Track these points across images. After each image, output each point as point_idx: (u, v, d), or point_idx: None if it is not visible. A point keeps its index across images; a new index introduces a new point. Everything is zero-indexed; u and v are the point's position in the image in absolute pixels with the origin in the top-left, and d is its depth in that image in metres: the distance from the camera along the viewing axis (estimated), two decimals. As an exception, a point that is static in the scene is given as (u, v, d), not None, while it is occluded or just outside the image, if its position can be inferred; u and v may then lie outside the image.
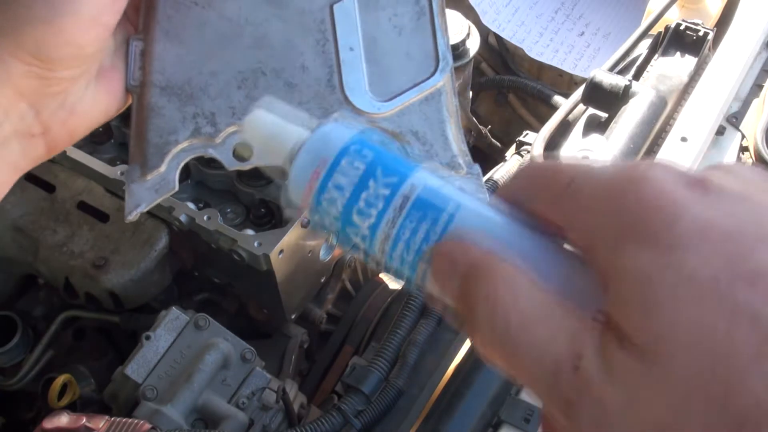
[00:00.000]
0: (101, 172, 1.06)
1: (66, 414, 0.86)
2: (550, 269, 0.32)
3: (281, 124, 0.41)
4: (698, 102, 1.24)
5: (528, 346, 0.29)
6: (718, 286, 0.25)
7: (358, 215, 0.35)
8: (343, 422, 0.93)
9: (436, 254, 0.34)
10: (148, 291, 1.09)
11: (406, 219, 0.35)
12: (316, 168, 0.36)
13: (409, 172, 0.36)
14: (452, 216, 0.34)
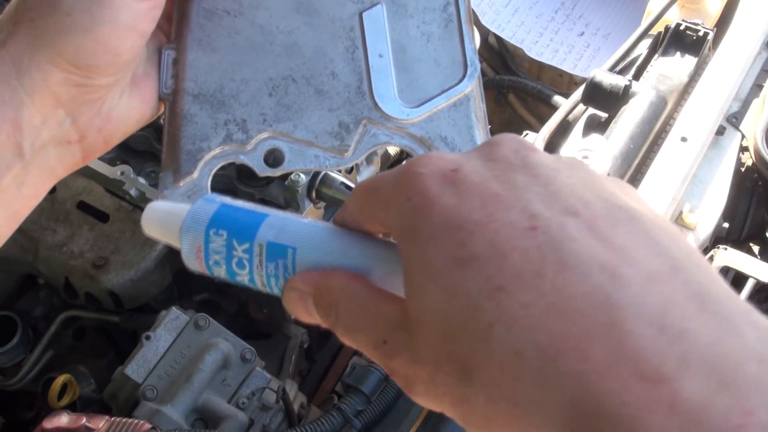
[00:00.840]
0: (101, 172, 1.06)
1: (66, 414, 0.86)
2: (372, 268, 0.40)
3: (167, 215, 0.49)
4: (698, 102, 1.24)
5: (360, 333, 0.37)
6: (445, 271, 0.32)
7: (238, 269, 0.44)
8: (343, 422, 0.94)
9: (285, 289, 0.42)
10: (148, 291, 1.09)
11: (267, 264, 0.43)
12: (198, 244, 0.45)
13: (257, 228, 0.44)
14: (294, 249, 0.42)
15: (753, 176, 1.29)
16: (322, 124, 0.62)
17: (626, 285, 0.29)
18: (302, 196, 1.00)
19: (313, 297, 0.40)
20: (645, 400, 0.27)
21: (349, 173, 1.07)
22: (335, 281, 0.40)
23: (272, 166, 0.61)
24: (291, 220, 0.44)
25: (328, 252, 0.42)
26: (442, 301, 0.32)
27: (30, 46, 0.51)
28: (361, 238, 0.42)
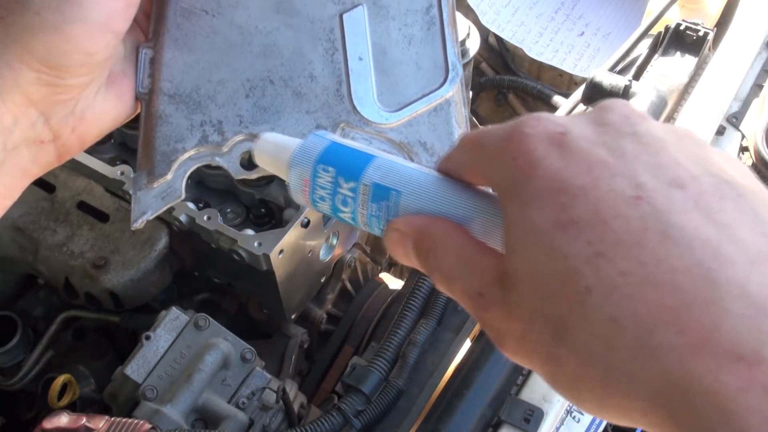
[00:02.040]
0: (101, 172, 1.06)
1: (66, 414, 0.86)
2: (472, 219, 0.42)
3: (277, 147, 0.50)
4: (698, 102, 1.24)
5: (456, 281, 0.39)
6: (546, 233, 0.33)
7: (342, 206, 0.46)
8: (343, 422, 0.93)
9: (387, 230, 0.43)
10: (148, 291, 1.09)
11: (370, 204, 0.45)
12: (304, 178, 0.47)
13: (363, 168, 0.45)
14: (399, 192, 0.44)
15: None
16: (300, 126, 0.61)
17: (729, 263, 0.29)
18: (302, 196, 0.99)
19: (414, 240, 0.41)
20: (741, 381, 0.27)
21: (349, 173, 1.07)
22: (436, 227, 0.41)
23: (248, 169, 0.61)
24: (397, 163, 0.45)
25: (431, 198, 0.43)
26: (540, 261, 0.33)
27: (0, 45, 0.50)
28: (463, 188, 0.43)
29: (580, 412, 0.99)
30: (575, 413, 0.98)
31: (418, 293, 1.06)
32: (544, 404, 0.95)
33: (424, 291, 1.06)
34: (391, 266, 1.50)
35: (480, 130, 0.41)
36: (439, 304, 1.05)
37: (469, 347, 1.04)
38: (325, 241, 1.13)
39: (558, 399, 0.96)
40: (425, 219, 0.42)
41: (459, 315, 1.06)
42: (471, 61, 1.38)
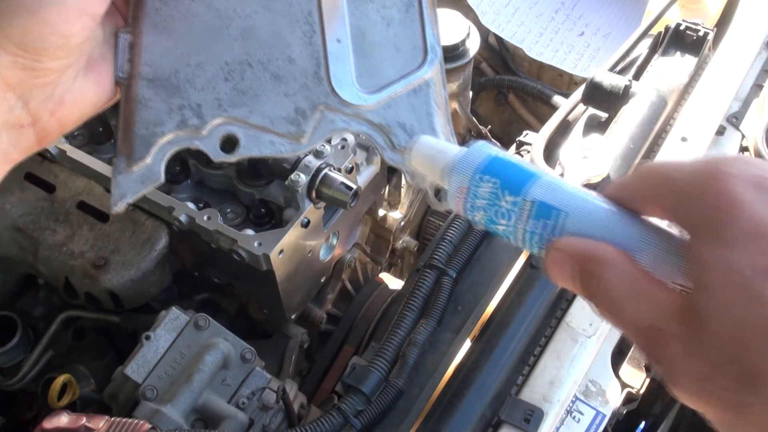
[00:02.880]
0: (101, 172, 1.06)
1: (66, 414, 0.86)
2: (642, 250, 0.41)
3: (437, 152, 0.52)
4: (698, 102, 1.24)
5: (625, 311, 0.38)
6: (748, 277, 0.33)
7: (500, 218, 0.46)
8: (343, 422, 0.93)
9: (549, 249, 0.43)
10: (148, 291, 1.09)
11: (532, 221, 0.45)
12: (461, 186, 0.48)
13: (528, 184, 0.45)
14: (565, 213, 0.44)
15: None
16: (278, 109, 0.61)
17: None
18: (302, 195, 1.00)
19: (578, 263, 0.41)
20: None
21: (349, 173, 1.07)
22: (605, 252, 0.41)
23: (227, 152, 0.61)
24: (563, 184, 0.45)
25: (599, 224, 0.43)
26: (738, 304, 0.33)
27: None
28: (634, 218, 0.43)
29: (581, 412, 0.99)
30: (575, 413, 0.98)
31: (418, 293, 1.06)
32: (544, 404, 0.95)
33: (424, 291, 1.06)
34: (391, 266, 1.50)
35: (664, 164, 0.41)
36: (439, 304, 1.05)
37: (469, 347, 1.04)
38: (325, 241, 1.13)
39: (558, 399, 0.96)
40: (591, 243, 0.41)
41: (459, 315, 1.06)
42: (471, 61, 1.38)
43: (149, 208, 1.06)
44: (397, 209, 1.40)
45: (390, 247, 1.41)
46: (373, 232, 1.40)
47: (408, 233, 1.44)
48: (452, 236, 1.11)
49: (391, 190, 1.41)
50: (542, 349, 1.01)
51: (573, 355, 0.99)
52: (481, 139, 1.55)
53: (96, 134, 1.16)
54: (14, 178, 1.14)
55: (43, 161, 1.14)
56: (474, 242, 1.11)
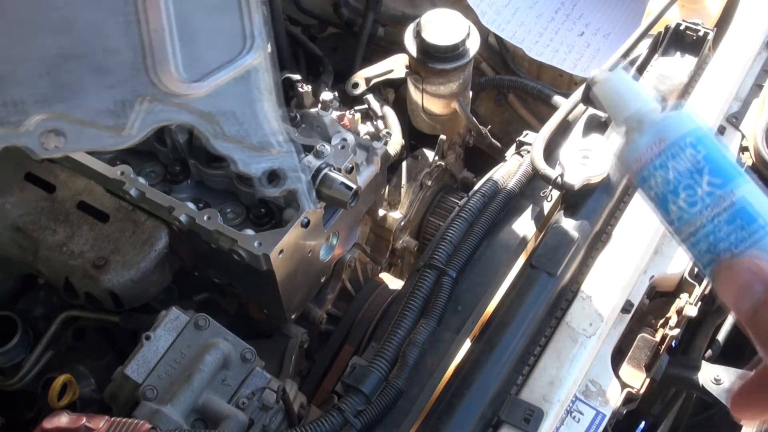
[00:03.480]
0: (101, 172, 1.06)
1: (66, 414, 0.86)
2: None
3: (636, 87, 0.46)
4: (698, 102, 1.23)
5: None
6: None
7: (683, 197, 0.40)
8: (343, 422, 0.93)
9: (740, 260, 0.38)
10: (148, 291, 1.09)
11: (722, 221, 0.39)
12: (660, 140, 0.41)
13: (740, 177, 0.40)
14: (766, 233, 0.38)
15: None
16: (101, 102, 0.59)
17: None
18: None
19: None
20: None
21: (349, 173, 1.07)
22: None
23: (51, 149, 0.59)
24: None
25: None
26: None
27: None
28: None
29: (580, 412, 0.99)
30: (575, 413, 0.99)
31: (418, 293, 1.06)
32: (544, 404, 0.95)
33: (424, 291, 1.06)
34: (391, 266, 1.50)
35: None
36: (439, 304, 1.05)
37: (469, 347, 1.04)
38: (325, 241, 1.13)
39: (558, 399, 0.96)
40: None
41: (459, 315, 1.06)
42: (471, 61, 1.38)
43: (149, 208, 1.06)
44: (397, 209, 1.40)
45: (390, 247, 1.41)
46: (373, 232, 1.40)
47: (408, 233, 1.44)
48: (452, 236, 1.11)
49: (391, 190, 1.41)
50: (542, 349, 1.01)
51: (573, 355, 0.99)
52: (480, 139, 1.55)
53: (96, 134, 1.16)
54: (14, 178, 1.14)
55: (43, 161, 1.14)
56: (474, 242, 1.11)
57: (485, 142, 1.58)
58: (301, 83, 1.39)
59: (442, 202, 1.48)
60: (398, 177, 1.42)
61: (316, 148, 1.02)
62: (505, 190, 1.18)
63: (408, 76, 1.43)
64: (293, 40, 1.67)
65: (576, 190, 1.09)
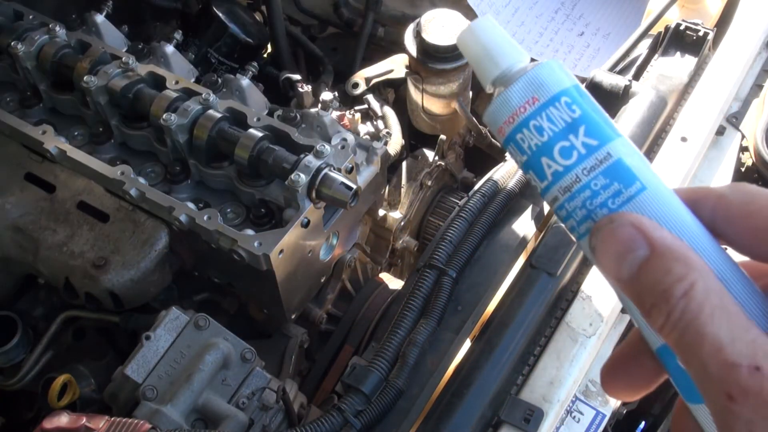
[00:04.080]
0: (101, 172, 1.06)
1: (66, 414, 0.86)
2: (733, 282, 0.35)
3: (507, 41, 0.43)
4: (698, 102, 1.23)
5: (711, 339, 0.32)
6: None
7: (559, 154, 0.38)
8: (343, 422, 0.93)
9: (618, 220, 0.36)
10: (148, 291, 1.09)
11: (599, 176, 0.37)
12: (533, 96, 0.39)
13: (616, 135, 0.38)
14: (643, 189, 0.36)
15: (753, 176, 1.29)
16: None
17: None
18: (302, 195, 1.00)
19: (657, 252, 0.34)
20: None
21: (349, 173, 1.07)
22: (698, 259, 0.34)
23: None
24: (643, 157, 0.39)
25: (680, 221, 0.36)
26: None
27: None
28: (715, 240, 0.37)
29: (580, 412, 0.99)
30: (575, 413, 0.98)
31: (418, 293, 1.06)
32: (544, 404, 0.95)
33: (424, 291, 1.06)
34: (391, 266, 1.50)
35: None
36: (439, 304, 1.05)
37: (469, 347, 1.04)
38: (325, 241, 1.13)
39: (558, 399, 0.96)
40: (682, 242, 0.35)
41: (459, 315, 1.06)
42: (471, 61, 1.38)
43: (149, 208, 1.06)
44: (397, 209, 1.40)
45: (390, 247, 1.41)
46: (373, 232, 1.40)
47: (408, 233, 1.44)
48: (452, 236, 1.11)
49: (391, 190, 1.41)
50: (542, 349, 1.01)
51: (573, 355, 0.99)
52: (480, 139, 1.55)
53: (96, 134, 1.16)
54: (14, 178, 1.14)
55: (43, 161, 1.14)
56: (474, 242, 1.11)
57: (485, 142, 1.57)
58: (301, 83, 1.39)
59: (442, 202, 1.48)
60: (398, 177, 1.42)
61: (316, 148, 1.02)
62: (505, 190, 1.18)
63: (408, 76, 1.43)
64: (293, 40, 1.67)
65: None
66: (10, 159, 1.16)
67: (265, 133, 1.04)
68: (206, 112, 1.07)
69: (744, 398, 0.30)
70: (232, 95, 1.22)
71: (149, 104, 1.09)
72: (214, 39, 1.49)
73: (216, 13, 1.49)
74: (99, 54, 1.16)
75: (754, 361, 0.31)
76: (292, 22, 1.77)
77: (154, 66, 1.17)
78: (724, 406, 0.31)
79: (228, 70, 1.48)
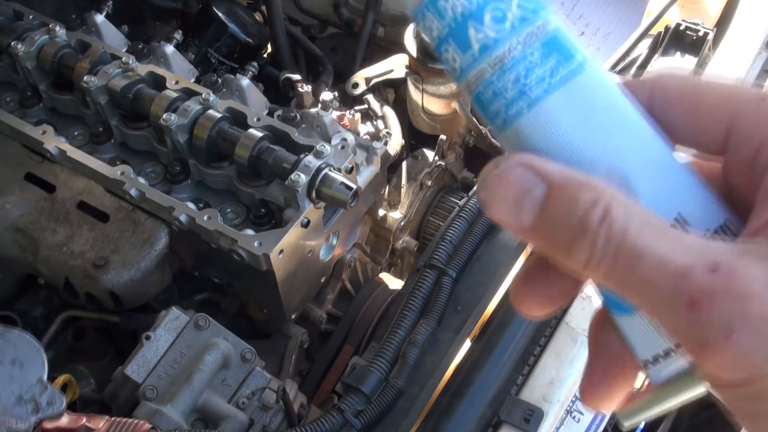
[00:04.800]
0: (101, 172, 1.06)
1: (66, 414, 0.86)
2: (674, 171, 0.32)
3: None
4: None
5: (650, 254, 0.28)
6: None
7: (491, 18, 0.32)
8: (343, 422, 0.93)
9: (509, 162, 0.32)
10: (148, 291, 1.09)
11: (535, 49, 0.32)
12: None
13: (552, 9, 0.33)
14: (584, 63, 0.32)
15: None
16: None
17: None
18: (302, 195, 1.00)
19: (556, 187, 0.31)
20: None
21: (349, 173, 1.07)
22: (600, 181, 0.30)
23: None
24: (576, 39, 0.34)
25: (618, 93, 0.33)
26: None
27: None
28: (664, 142, 0.34)
29: (581, 412, 0.99)
30: (575, 413, 0.98)
31: (418, 293, 1.06)
32: (544, 404, 0.95)
33: (424, 291, 1.06)
34: (391, 266, 1.50)
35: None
36: (439, 304, 1.05)
37: (469, 347, 1.04)
38: (325, 241, 1.13)
39: (558, 399, 0.96)
40: (579, 174, 0.31)
41: (459, 315, 1.06)
42: (471, 61, 1.38)
43: (149, 208, 1.06)
44: (397, 209, 1.40)
45: (390, 247, 1.41)
46: (373, 232, 1.40)
47: (408, 233, 1.44)
48: (452, 236, 1.11)
49: (391, 190, 1.41)
50: (542, 349, 1.01)
51: (573, 355, 0.99)
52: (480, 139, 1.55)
53: (96, 134, 1.16)
54: (14, 178, 1.14)
55: (43, 161, 1.14)
56: (474, 242, 1.11)
57: (485, 142, 1.57)
58: (301, 83, 1.39)
59: (442, 202, 1.48)
60: (398, 177, 1.42)
61: (316, 148, 1.02)
62: (505, 190, 1.17)
63: (408, 76, 1.43)
64: (293, 40, 1.67)
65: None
66: (10, 159, 1.16)
67: (265, 133, 1.04)
68: (206, 112, 1.07)
69: (710, 300, 0.27)
70: (232, 95, 1.22)
71: (149, 104, 1.09)
72: (214, 39, 1.49)
73: (216, 13, 1.49)
74: (99, 54, 1.16)
75: (707, 259, 0.28)
76: (292, 22, 1.77)
77: (154, 66, 1.17)
78: (688, 317, 0.27)
79: (228, 70, 1.48)
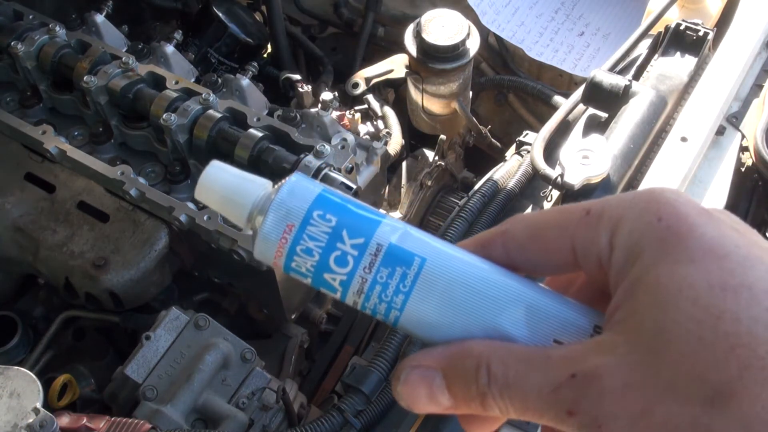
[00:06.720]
0: (101, 172, 1.06)
1: (66, 414, 0.86)
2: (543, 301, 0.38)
3: (239, 180, 0.41)
4: (698, 102, 1.23)
5: (525, 383, 0.35)
6: (709, 295, 0.32)
7: (336, 265, 0.39)
8: (343, 422, 0.93)
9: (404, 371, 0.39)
10: (148, 291, 1.09)
11: (380, 268, 0.38)
12: (287, 224, 0.39)
13: (377, 225, 0.39)
14: (423, 260, 0.38)
15: (753, 176, 1.29)
16: None
17: None
18: (302, 196, 0.99)
19: (447, 369, 0.38)
20: None
21: (349, 173, 1.07)
22: (476, 343, 0.38)
23: None
24: (412, 227, 0.39)
25: (466, 263, 0.38)
26: (701, 321, 0.32)
27: None
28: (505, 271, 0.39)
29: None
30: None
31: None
32: (544, 404, 0.95)
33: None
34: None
35: (557, 208, 0.39)
36: (439, 304, 1.05)
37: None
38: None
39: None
40: (453, 343, 0.38)
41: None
42: (471, 61, 1.38)
43: (149, 208, 1.06)
44: (397, 209, 1.40)
45: (390, 247, 1.41)
46: (373, 232, 1.39)
47: (408, 233, 1.43)
48: (452, 236, 1.11)
49: (391, 190, 1.41)
50: (542, 349, 1.01)
51: (573, 355, 0.99)
52: (480, 139, 1.55)
53: (96, 134, 1.16)
54: (14, 178, 1.14)
55: (43, 161, 1.14)
56: (474, 242, 1.11)
57: (485, 142, 1.57)
58: (301, 83, 1.39)
59: (442, 202, 1.48)
60: (398, 177, 1.42)
61: (316, 148, 1.02)
62: (505, 190, 1.18)
63: (408, 76, 1.43)
64: (293, 40, 1.67)
65: (576, 190, 1.09)
66: (10, 159, 1.16)
67: (265, 133, 1.04)
68: (206, 112, 1.07)
69: (577, 405, 0.33)
70: (232, 95, 1.22)
71: (149, 104, 1.09)
72: (214, 39, 1.49)
73: (216, 12, 1.49)
74: (99, 54, 1.16)
75: (568, 371, 0.34)
76: (292, 22, 1.77)
77: (154, 66, 1.17)
78: (571, 424, 0.33)
79: (228, 70, 1.48)
